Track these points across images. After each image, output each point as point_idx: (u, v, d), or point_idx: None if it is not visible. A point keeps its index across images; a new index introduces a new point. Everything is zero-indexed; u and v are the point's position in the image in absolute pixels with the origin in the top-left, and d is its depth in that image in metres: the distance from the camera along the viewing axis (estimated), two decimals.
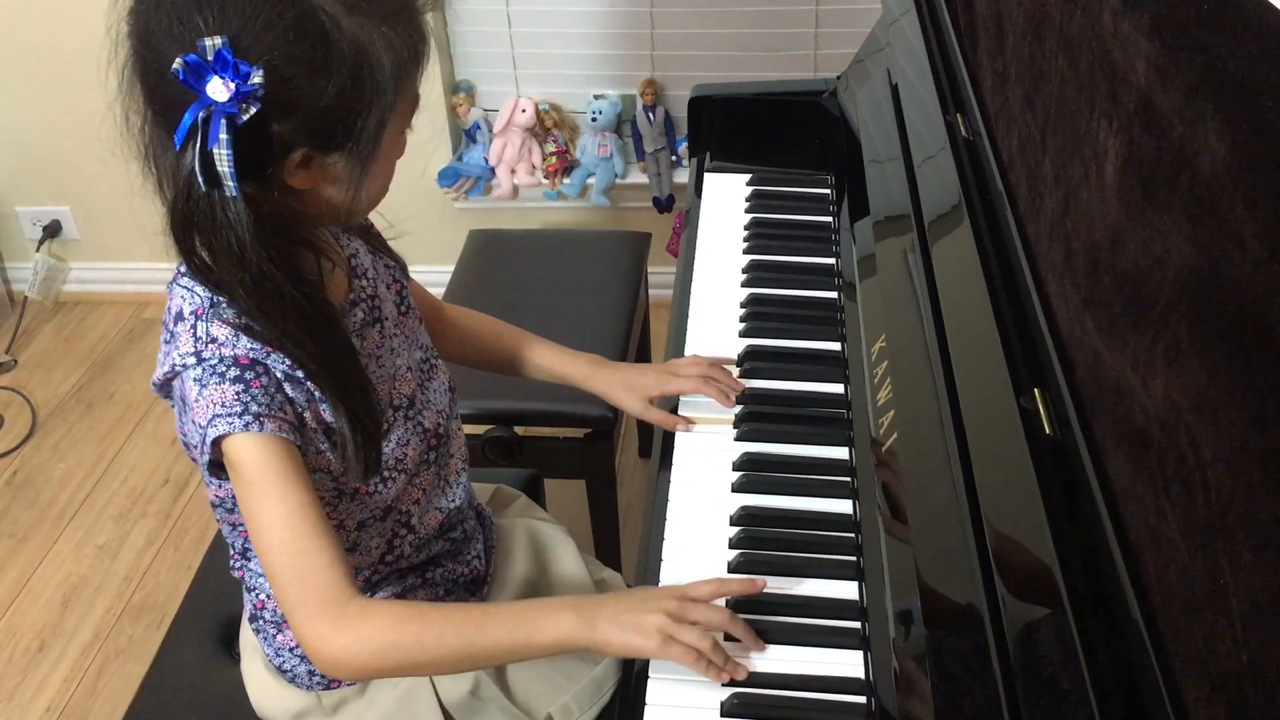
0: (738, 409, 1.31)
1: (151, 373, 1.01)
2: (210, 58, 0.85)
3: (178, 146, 0.88)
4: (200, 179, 0.88)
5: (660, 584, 1.11)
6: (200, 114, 0.86)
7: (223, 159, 0.87)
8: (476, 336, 1.36)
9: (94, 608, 2.11)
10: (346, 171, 0.95)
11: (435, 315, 1.33)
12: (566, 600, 1.01)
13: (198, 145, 0.87)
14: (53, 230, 2.84)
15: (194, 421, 0.96)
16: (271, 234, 0.93)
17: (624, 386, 1.31)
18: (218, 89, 0.85)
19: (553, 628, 0.98)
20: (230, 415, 0.94)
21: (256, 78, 0.85)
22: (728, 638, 1.03)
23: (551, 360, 1.35)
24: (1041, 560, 0.82)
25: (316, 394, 0.99)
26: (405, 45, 0.93)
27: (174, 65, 0.85)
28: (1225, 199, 0.66)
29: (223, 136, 0.86)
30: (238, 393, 0.94)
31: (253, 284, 0.93)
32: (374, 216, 1.18)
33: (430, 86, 2.51)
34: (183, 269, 0.99)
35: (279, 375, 0.97)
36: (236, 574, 1.18)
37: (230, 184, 0.88)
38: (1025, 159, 1.09)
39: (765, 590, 1.08)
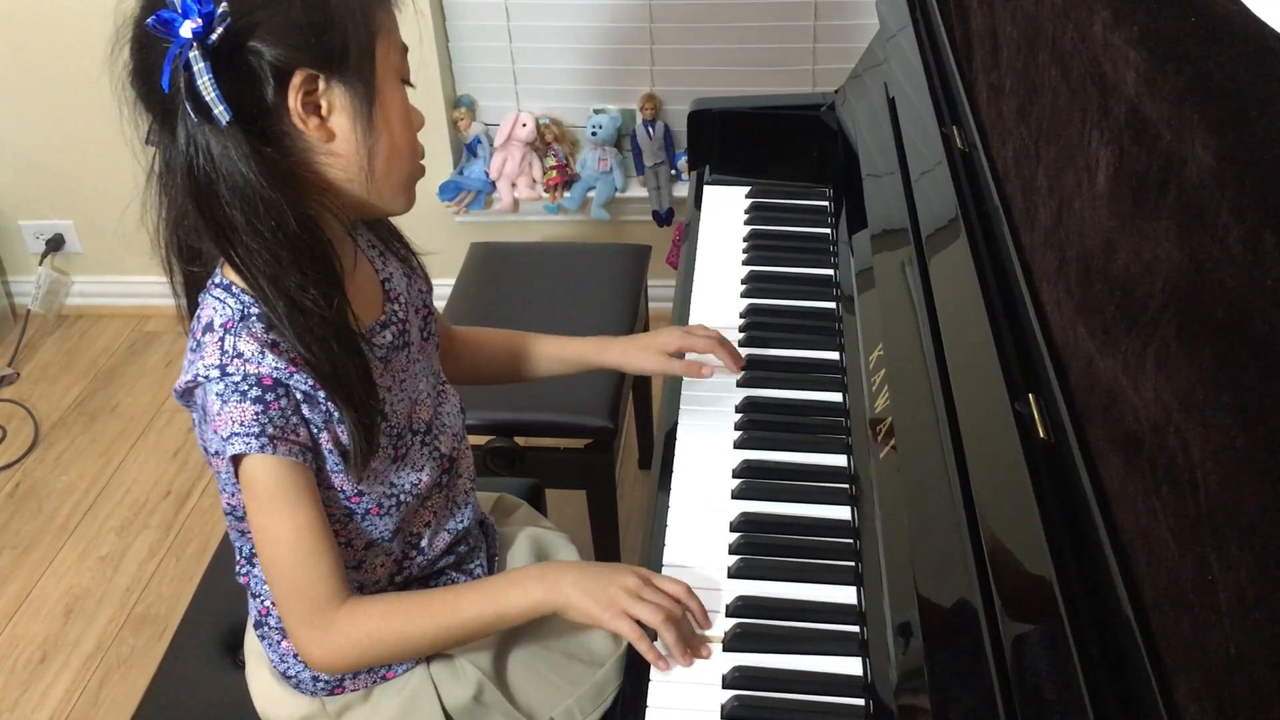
0: (740, 399, 1.34)
1: (153, 386, 1.04)
2: (179, 9, 0.88)
3: (166, 90, 0.90)
4: (191, 113, 0.90)
5: None
6: (177, 52, 0.89)
7: (207, 86, 0.89)
8: (486, 350, 1.38)
9: (96, 619, 2.12)
10: (351, 107, 0.97)
11: (447, 337, 1.34)
12: (533, 569, 1.09)
13: (183, 88, 0.90)
14: (56, 244, 2.86)
15: (215, 432, 0.99)
16: (286, 187, 0.96)
17: (639, 349, 1.33)
18: (188, 29, 0.89)
19: (522, 597, 1.05)
20: (248, 435, 0.97)
21: (222, 6, 0.89)
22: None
23: (561, 349, 1.37)
24: (1036, 562, 0.83)
25: (335, 415, 1.01)
26: None
27: (148, 20, 0.89)
28: (1212, 206, 0.68)
29: (200, 65, 0.88)
30: (256, 413, 0.97)
31: (269, 232, 0.95)
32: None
33: (431, 101, 2.53)
34: (217, 279, 1.02)
35: (299, 396, 0.99)
36: (242, 580, 1.19)
37: (220, 108, 0.90)
38: (1020, 170, 1.11)
39: (765, 594, 1.10)
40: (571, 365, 1.37)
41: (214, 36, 0.89)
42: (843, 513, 1.19)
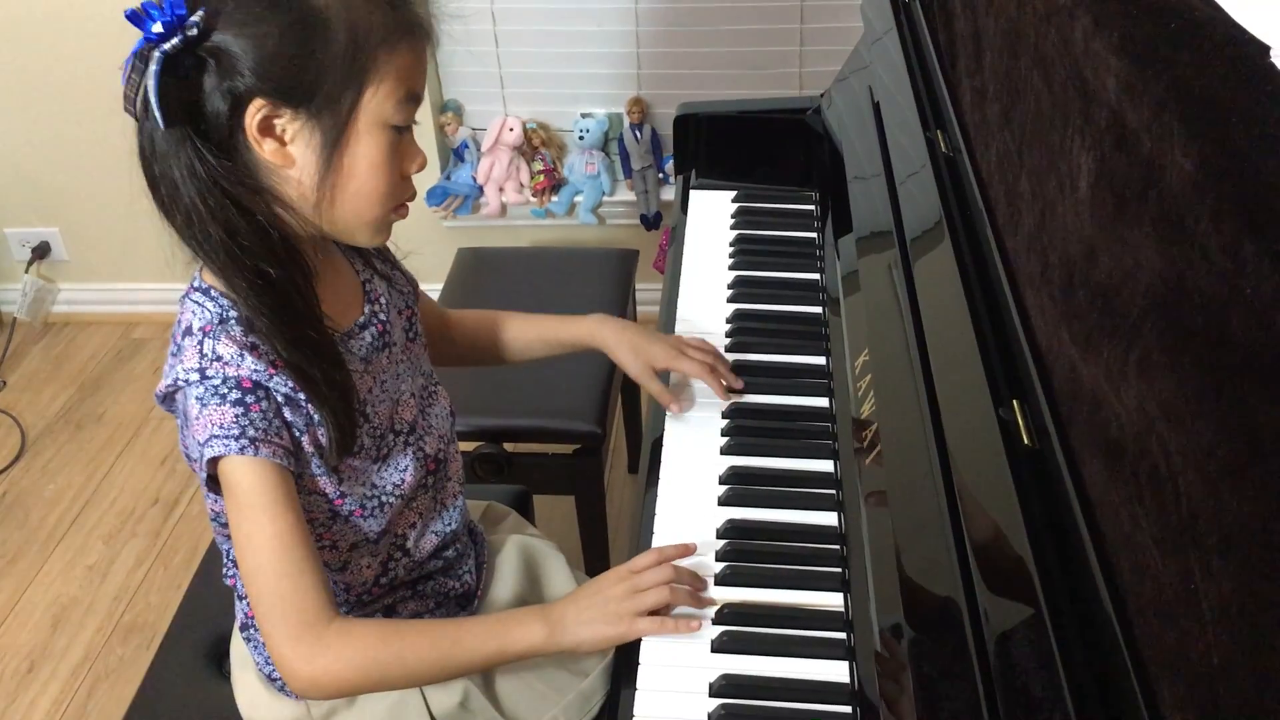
0: (726, 405, 1.34)
1: (141, 393, 1.03)
2: (160, 5, 0.90)
3: (124, 82, 0.92)
4: (135, 107, 0.93)
5: None
6: (140, 49, 0.90)
7: (149, 88, 0.90)
8: (479, 331, 1.38)
9: (84, 628, 2.11)
10: (312, 143, 0.96)
11: (442, 323, 1.35)
12: (535, 609, 1.07)
13: (138, 83, 0.91)
14: (41, 251, 2.85)
15: (194, 438, 0.98)
16: (238, 193, 0.96)
17: (630, 348, 1.33)
18: (158, 27, 0.90)
19: (525, 636, 1.03)
20: (227, 437, 0.95)
21: (195, 16, 0.90)
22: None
23: (556, 329, 1.38)
24: (1021, 569, 0.83)
25: (316, 418, 1.00)
26: (374, 19, 0.95)
27: (127, 10, 0.89)
28: (1192, 213, 0.68)
29: (153, 67, 0.89)
30: (237, 415, 0.96)
31: (219, 229, 0.95)
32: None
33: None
34: (195, 283, 1.01)
35: (279, 399, 0.99)
36: (229, 582, 1.19)
37: (157, 112, 0.91)
38: (1003, 175, 1.11)
39: (752, 601, 1.10)
40: (567, 347, 1.38)
41: (170, 44, 0.90)
42: (829, 518, 1.19)
